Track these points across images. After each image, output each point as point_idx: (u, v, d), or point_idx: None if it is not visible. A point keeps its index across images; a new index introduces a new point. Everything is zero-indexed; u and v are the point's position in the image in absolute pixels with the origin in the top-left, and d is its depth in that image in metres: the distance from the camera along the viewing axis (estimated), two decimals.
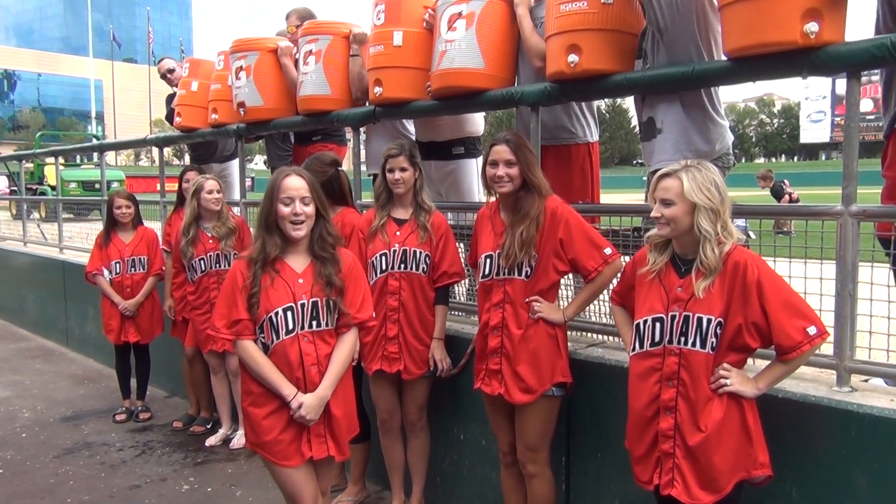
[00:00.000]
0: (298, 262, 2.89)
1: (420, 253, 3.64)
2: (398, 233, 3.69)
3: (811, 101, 72.07)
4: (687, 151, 3.21)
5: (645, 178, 2.77)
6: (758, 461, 2.45)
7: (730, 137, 3.44)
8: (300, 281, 2.85)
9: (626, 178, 59.28)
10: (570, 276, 3.48)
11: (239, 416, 5.15)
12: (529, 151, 3.14)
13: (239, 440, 5.10)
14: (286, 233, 2.83)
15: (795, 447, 2.66)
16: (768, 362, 2.54)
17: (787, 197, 15.33)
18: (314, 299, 2.84)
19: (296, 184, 2.82)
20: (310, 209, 2.84)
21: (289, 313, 2.81)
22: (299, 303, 2.82)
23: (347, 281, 2.92)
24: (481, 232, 3.31)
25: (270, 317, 2.79)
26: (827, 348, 2.74)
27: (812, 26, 2.64)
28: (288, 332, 2.81)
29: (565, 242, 3.06)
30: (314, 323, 2.85)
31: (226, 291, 2.87)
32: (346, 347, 2.94)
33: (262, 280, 2.80)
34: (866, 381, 2.86)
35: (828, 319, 2.63)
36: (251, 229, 5.04)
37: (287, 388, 2.79)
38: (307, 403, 2.78)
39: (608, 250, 3.06)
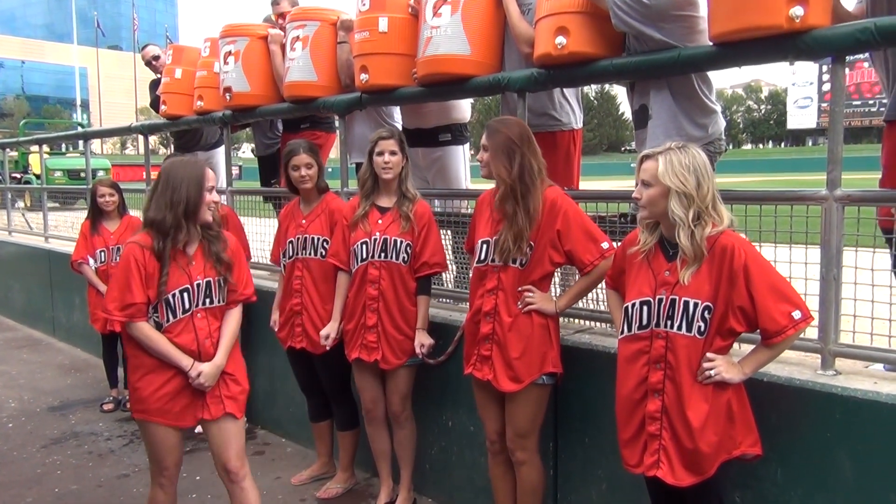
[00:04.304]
0: (191, 246, 3.08)
1: (400, 242, 3.63)
2: (380, 221, 3.68)
3: (798, 86, 72.27)
4: (677, 137, 3.21)
5: (633, 166, 2.79)
6: (737, 442, 2.48)
7: (722, 123, 3.44)
8: (193, 263, 3.07)
9: (614, 164, 59.41)
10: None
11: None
12: (503, 136, 3.09)
13: None
14: (203, 218, 3.05)
15: (780, 430, 2.68)
16: (753, 346, 2.56)
17: None
18: (207, 279, 3.08)
19: (213, 174, 3.11)
20: (217, 196, 3.13)
21: (185, 294, 3.03)
22: (195, 283, 3.05)
23: (234, 259, 3.17)
24: (479, 217, 3.29)
25: (167, 298, 2.99)
26: (811, 332, 2.76)
27: (797, 10, 2.64)
28: (185, 311, 3.03)
29: (563, 234, 3.04)
30: (207, 301, 3.09)
31: (119, 277, 2.99)
32: (236, 320, 3.20)
33: (169, 265, 2.99)
34: (867, 366, 2.88)
35: (812, 304, 2.65)
36: (239, 220, 5.04)
37: (185, 360, 3.01)
38: (205, 371, 3.02)
39: (605, 244, 3.04)
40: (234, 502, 3.23)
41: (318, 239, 3.99)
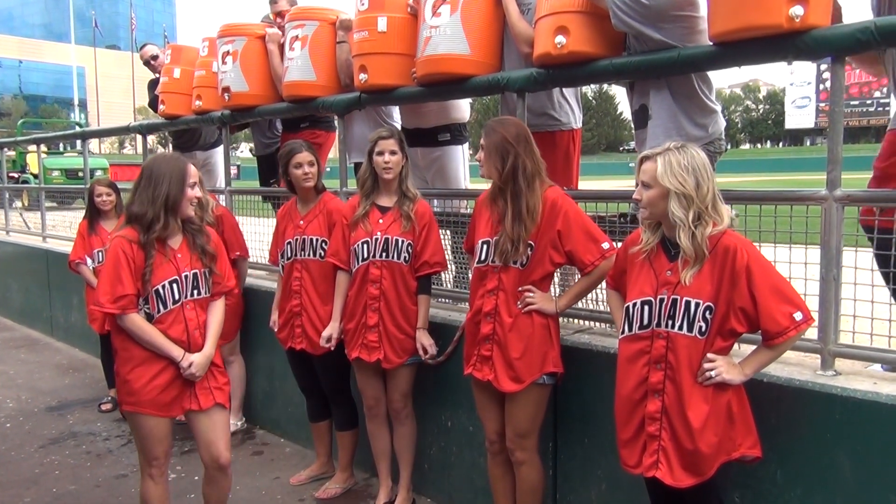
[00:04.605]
0: (175, 239, 3.18)
1: (402, 242, 3.63)
2: (381, 221, 3.67)
3: (796, 86, 72.42)
4: (677, 137, 3.21)
5: (632, 165, 2.80)
6: (736, 443, 2.47)
7: (722, 122, 3.44)
8: (179, 256, 3.16)
9: (612, 164, 59.45)
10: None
11: (232, 404, 5.13)
12: (498, 135, 3.09)
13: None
14: (184, 212, 3.14)
15: (780, 430, 2.68)
16: (754, 347, 2.56)
17: None
18: (194, 271, 3.18)
19: (196, 171, 3.22)
20: (200, 192, 3.24)
21: (174, 285, 3.12)
22: (183, 275, 3.14)
23: (217, 251, 3.30)
24: (479, 218, 3.28)
25: (157, 289, 3.07)
26: (811, 332, 2.75)
27: (797, 10, 2.64)
28: (175, 301, 3.12)
29: (563, 234, 3.03)
30: (195, 292, 3.19)
31: (108, 270, 3.06)
32: (220, 312, 3.32)
33: (153, 258, 3.08)
34: (867, 367, 2.88)
35: (812, 304, 2.65)
36: (234, 219, 5.03)
37: (176, 350, 3.09)
38: (196, 362, 3.12)
39: (606, 244, 3.03)
40: (215, 488, 3.38)
41: (317, 240, 3.98)
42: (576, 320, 3.71)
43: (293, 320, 4.07)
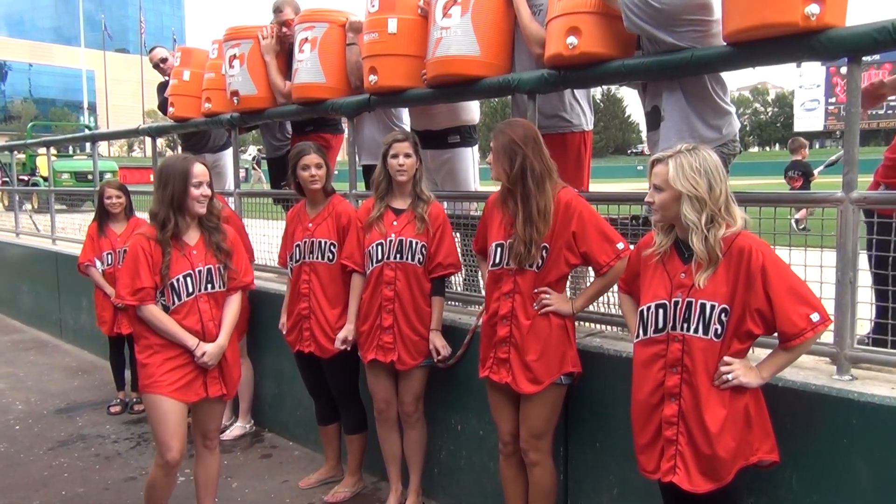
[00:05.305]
0: (191, 236, 3.36)
1: (416, 243, 3.61)
2: (395, 223, 3.66)
3: (805, 89, 71.98)
4: (690, 138, 3.19)
5: (640, 168, 2.78)
6: (754, 448, 2.44)
7: (736, 124, 3.41)
8: (194, 252, 3.35)
9: (620, 167, 59.27)
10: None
11: (241, 407, 5.14)
12: (506, 137, 3.09)
13: (232, 431, 5.09)
14: (193, 210, 3.29)
15: (795, 435, 2.64)
16: (767, 352, 2.52)
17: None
18: (208, 266, 3.36)
19: (203, 170, 3.32)
20: (209, 191, 3.33)
21: (188, 279, 3.30)
22: (197, 269, 3.32)
23: (233, 249, 3.45)
24: (491, 220, 3.26)
25: (172, 282, 3.27)
26: (827, 336, 2.72)
27: (813, 8, 2.61)
28: (188, 294, 3.31)
29: (578, 236, 3.02)
30: (209, 286, 3.37)
31: (128, 265, 3.27)
32: (236, 305, 3.50)
33: (170, 254, 3.26)
34: None
35: (828, 307, 2.61)
36: (241, 221, 5.02)
37: (191, 340, 3.29)
38: (210, 351, 3.31)
39: (621, 245, 3.02)
40: (202, 467, 3.59)
41: (325, 243, 3.97)
42: (587, 324, 3.68)
43: (301, 323, 4.05)
